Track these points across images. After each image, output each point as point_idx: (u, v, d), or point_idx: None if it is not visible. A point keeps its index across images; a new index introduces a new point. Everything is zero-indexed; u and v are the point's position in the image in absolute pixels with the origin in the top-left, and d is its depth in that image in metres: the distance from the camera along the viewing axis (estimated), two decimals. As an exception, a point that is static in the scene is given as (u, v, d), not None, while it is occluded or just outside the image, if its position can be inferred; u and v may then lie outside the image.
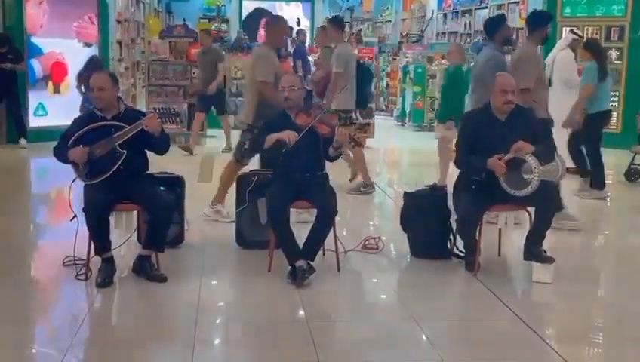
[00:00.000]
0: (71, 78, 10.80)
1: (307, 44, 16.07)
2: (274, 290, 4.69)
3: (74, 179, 4.81)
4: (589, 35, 11.04)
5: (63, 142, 4.80)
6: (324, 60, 8.41)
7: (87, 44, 11.22)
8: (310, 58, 13.52)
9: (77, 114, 5.77)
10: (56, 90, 11.01)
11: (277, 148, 4.89)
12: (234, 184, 5.74)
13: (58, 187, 7.70)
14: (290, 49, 15.37)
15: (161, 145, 4.87)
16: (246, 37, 16.43)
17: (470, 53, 13.13)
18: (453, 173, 5.28)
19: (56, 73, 11.00)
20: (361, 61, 8.14)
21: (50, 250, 5.66)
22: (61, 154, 4.79)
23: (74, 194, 4.79)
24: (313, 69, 12.09)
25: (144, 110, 8.54)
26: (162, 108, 9.27)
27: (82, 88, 9.64)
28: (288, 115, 5.10)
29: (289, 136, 4.86)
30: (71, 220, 4.77)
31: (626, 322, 4.41)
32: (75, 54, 10.93)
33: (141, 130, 4.67)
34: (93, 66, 10.10)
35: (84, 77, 10.06)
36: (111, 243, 4.76)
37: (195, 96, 10.31)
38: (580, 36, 9.02)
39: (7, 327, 4.14)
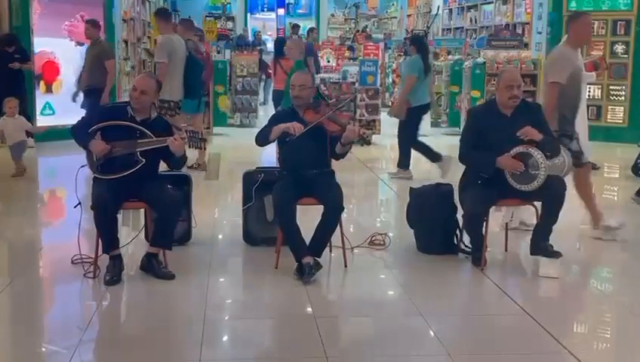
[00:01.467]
0: (63, 78, 10.77)
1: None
2: (281, 287, 4.70)
3: (83, 165, 4.84)
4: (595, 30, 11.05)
5: (84, 125, 4.84)
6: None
7: (79, 43, 10.98)
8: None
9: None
10: (48, 90, 10.94)
11: (282, 139, 4.98)
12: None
13: (66, 186, 7.74)
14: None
15: (177, 164, 4.93)
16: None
17: (476, 48, 13.13)
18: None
19: (48, 73, 10.92)
20: (192, 53, 8.34)
21: (58, 249, 5.68)
22: (80, 137, 4.80)
23: (80, 182, 4.81)
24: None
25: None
26: (191, 132, 8.89)
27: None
28: (296, 111, 5.11)
29: (294, 127, 4.88)
30: (74, 207, 4.80)
31: (633, 316, 4.41)
32: (66, 53, 10.86)
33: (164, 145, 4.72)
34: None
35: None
36: (119, 241, 4.79)
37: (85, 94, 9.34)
38: None
39: (17, 325, 4.18)
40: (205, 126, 11.16)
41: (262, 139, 5.09)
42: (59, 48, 10.98)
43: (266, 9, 26.15)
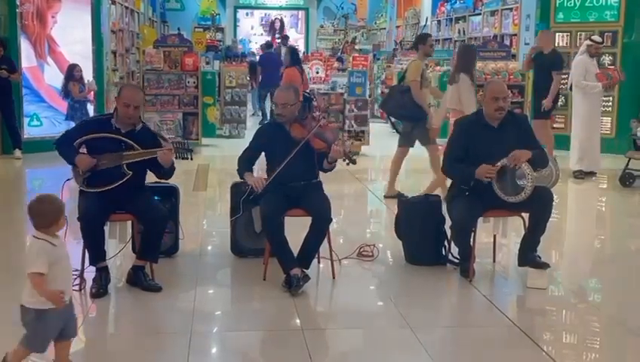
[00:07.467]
0: None
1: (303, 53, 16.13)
2: (269, 299, 4.68)
3: (68, 179, 4.80)
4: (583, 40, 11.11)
5: (67, 140, 4.77)
6: None
7: None
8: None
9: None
10: None
11: (250, 192, 5.05)
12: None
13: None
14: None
15: (167, 174, 4.90)
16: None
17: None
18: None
19: None
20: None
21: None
22: (65, 152, 4.73)
23: (66, 195, 4.77)
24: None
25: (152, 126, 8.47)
26: (178, 143, 8.38)
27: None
28: (283, 125, 5.09)
29: (256, 183, 4.91)
30: None
31: (621, 327, 4.41)
32: None
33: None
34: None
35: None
36: (105, 253, 4.75)
37: None
38: (594, 42, 9.11)
39: (2, 338, 4.13)
40: (194, 137, 11.10)
41: (239, 172, 5.11)
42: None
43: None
